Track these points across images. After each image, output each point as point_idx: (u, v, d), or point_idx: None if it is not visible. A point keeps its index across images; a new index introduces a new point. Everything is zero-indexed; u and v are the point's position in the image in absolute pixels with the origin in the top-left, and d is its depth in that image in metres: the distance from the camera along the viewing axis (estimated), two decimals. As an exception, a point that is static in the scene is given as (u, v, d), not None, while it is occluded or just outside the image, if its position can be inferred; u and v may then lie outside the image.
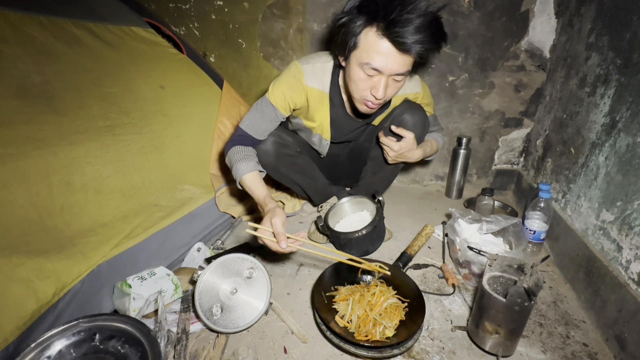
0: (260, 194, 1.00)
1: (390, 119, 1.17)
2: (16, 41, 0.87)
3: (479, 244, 1.03)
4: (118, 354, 0.70)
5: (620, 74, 0.97)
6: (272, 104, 1.08)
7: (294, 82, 1.06)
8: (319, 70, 1.07)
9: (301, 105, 1.12)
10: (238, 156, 1.05)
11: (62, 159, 0.84)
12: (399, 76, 0.92)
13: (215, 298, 0.87)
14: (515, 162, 1.69)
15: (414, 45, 0.85)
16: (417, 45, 0.85)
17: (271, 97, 1.07)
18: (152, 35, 1.28)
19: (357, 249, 1.18)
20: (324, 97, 1.11)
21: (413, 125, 1.14)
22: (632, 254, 0.85)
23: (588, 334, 0.91)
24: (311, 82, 1.07)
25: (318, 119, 1.16)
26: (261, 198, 0.98)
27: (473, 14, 1.45)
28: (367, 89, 0.95)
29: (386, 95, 0.95)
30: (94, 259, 0.86)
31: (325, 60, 1.07)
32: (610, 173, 0.97)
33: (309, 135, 1.26)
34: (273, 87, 1.08)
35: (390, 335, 0.81)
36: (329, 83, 1.09)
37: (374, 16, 0.85)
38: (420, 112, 1.15)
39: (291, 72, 1.06)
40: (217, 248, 1.24)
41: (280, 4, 1.55)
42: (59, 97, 0.89)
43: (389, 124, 1.16)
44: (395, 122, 1.15)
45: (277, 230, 0.84)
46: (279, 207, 0.92)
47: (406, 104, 1.16)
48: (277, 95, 1.07)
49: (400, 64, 0.89)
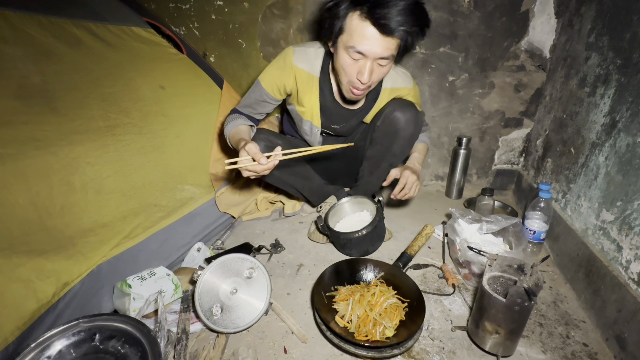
0: (240, 140, 0.99)
1: (381, 117, 1.17)
2: (16, 41, 0.87)
3: (479, 244, 1.03)
4: (118, 354, 0.70)
5: (620, 74, 0.97)
6: (261, 83, 1.14)
7: (282, 63, 1.11)
8: (311, 54, 1.11)
9: (291, 88, 1.15)
10: (233, 120, 1.13)
11: (62, 159, 0.84)
12: (383, 60, 0.94)
13: (215, 298, 0.87)
14: (515, 162, 1.69)
15: (397, 27, 0.87)
16: (400, 27, 0.87)
17: (261, 77, 1.15)
18: (152, 35, 1.28)
19: (357, 249, 1.18)
20: (313, 81, 1.13)
21: (405, 122, 1.14)
22: (632, 254, 0.85)
23: (588, 334, 0.91)
24: (300, 63, 1.10)
25: (307, 104, 1.17)
26: (238, 142, 0.98)
27: (473, 14, 1.45)
28: (354, 73, 0.98)
29: (371, 80, 0.98)
30: (94, 259, 0.86)
31: (318, 46, 1.12)
32: (610, 173, 0.97)
33: (301, 124, 1.26)
34: (265, 69, 1.15)
35: (390, 335, 0.81)
36: (319, 68, 1.11)
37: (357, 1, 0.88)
38: (411, 109, 1.15)
39: (283, 54, 1.12)
40: (217, 248, 1.24)
41: (280, 4, 1.55)
42: (59, 97, 0.89)
43: (380, 122, 1.17)
44: (386, 120, 1.15)
45: (253, 151, 0.88)
46: (251, 142, 0.93)
47: (397, 101, 1.16)
48: (266, 77, 1.14)
49: (384, 47, 0.91)
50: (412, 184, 1.14)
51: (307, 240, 1.32)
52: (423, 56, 1.55)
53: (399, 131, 1.15)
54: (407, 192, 1.14)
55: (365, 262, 1.04)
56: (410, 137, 1.18)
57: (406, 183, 1.13)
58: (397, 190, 1.15)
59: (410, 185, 1.14)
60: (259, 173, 0.91)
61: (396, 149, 1.19)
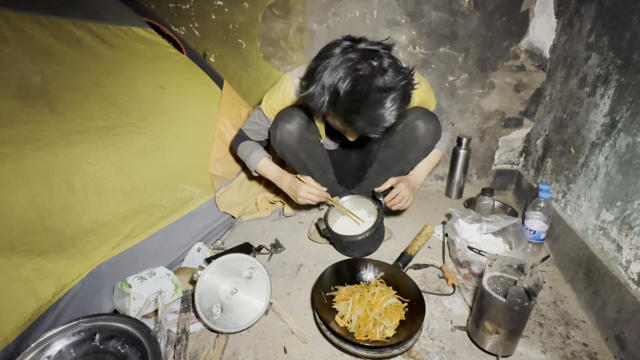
0: (275, 172, 1.19)
1: (402, 123, 1.15)
2: (16, 41, 0.87)
3: (479, 244, 1.03)
4: (118, 354, 0.70)
5: (620, 74, 0.97)
6: (265, 114, 1.18)
7: (282, 97, 1.13)
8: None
9: None
10: (248, 149, 1.20)
11: (62, 159, 0.83)
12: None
13: (215, 298, 0.87)
14: (515, 162, 1.69)
15: (371, 133, 0.91)
16: (373, 133, 0.91)
17: (264, 109, 1.18)
18: (152, 35, 1.28)
19: (359, 250, 1.18)
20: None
21: (425, 133, 1.14)
22: (632, 254, 0.85)
23: (588, 334, 0.91)
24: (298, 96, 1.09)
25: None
26: (277, 175, 1.18)
27: (473, 14, 1.45)
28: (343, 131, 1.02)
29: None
30: (94, 259, 0.86)
31: None
32: (610, 173, 0.97)
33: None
34: (265, 100, 1.17)
35: (390, 335, 0.81)
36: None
37: (334, 103, 0.88)
38: (434, 121, 1.14)
39: (281, 87, 1.12)
40: (217, 248, 1.24)
41: (280, 4, 1.55)
42: (59, 97, 0.89)
43: (401, 127, 1.16)
44: (407, 127, 1.15)
45: (312, 182, 1.11)
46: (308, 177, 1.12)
47: (420, 110, 1.15)
48: (268, 108, 1.17)
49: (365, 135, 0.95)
50: (403, 197, 1.14)
51: (307, 240, 1.32)
52: (423, 56, 1.55)
53: (418, 140, 1.15)
54: (396, 203, 1.15)
55: (365, 262, 1.04)
56: (427, 148, 1.18)
57: (397, 195, 1.14)
58: (388, 198, 1.17)
59: (401, 198, 1.14)
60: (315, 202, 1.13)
61: (411, 156, 1.20)
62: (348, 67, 0.82)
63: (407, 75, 0.86)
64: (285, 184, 1.17)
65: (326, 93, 0.86)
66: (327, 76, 0.84)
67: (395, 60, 0.87)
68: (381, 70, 0.82)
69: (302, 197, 1.11)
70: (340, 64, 0.83)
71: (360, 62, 0.82)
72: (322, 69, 0.85)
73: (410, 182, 1.18)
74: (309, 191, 1.10)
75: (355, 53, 0.83)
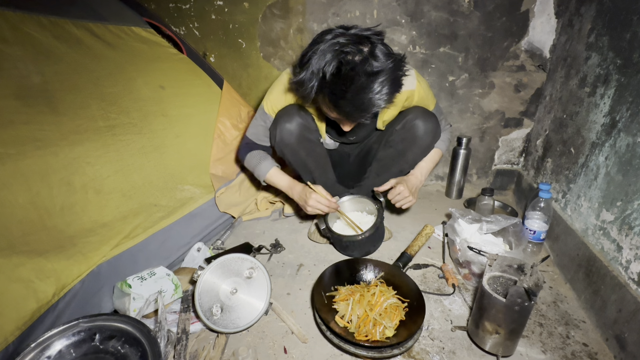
0: (286, 182, 1.17)
1: (402, 122, 1.15)
2: (16, 41, 0.87)
3: (479, 244, 1.03)
4: (118, 354, 0.70)
5: (620, 74, 0.97)
6: (267, 113, 1.15)
7: (282, 93, 1.11)
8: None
9: None
10: (256, 159, 1.18)
11: (62, 159, 0.84)
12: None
13: (215, 298, 0.87)
14: (515, 162, 1.69)
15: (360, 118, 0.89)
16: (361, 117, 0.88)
17: (266, 107, 1.15)
18: (152, 35, 1.28)
19: (359, 250, 1.18)
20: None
21: (424, 132, 1.14)
22: (632, 254, 0.85)
23: (588, 334, 0.90)
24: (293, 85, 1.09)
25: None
26: (288, 184, 1.17)
27: (473, 14, 1.45)
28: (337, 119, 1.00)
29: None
30: (94, 259, 0.86)
31: None
32: (610, 173, 0.97)
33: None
34: (267, 98, 1.14)
35: (390, 335, 0.81)
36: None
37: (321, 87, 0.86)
38: (433, 120, 1.14)
39: (282, 83, 1.11)
40: (217, 248, 1.24)
41: (280, 4, 1.55)
42: (59, 97, 0.89)
43: (400, 127, 1.16)
44: (406, 126, 1.15)
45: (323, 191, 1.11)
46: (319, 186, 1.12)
47: (420, 109, 1.15)
48: (270, 107, 1.14)
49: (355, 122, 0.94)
50: (403, 199, 1.15)
51: (307, 240, 1.32)
52: (423, 56, 1.55)
53: (417, 139, 1.15)
54: (399, 200, 1.16)
55: (365, 262, 1.04)
56: (426, 147, 1.18)
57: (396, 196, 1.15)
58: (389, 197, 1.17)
59: (400, 199, 1.15)
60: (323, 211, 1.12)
61: (410, 156, 1.19)
62: (335, 51, 0.81)
63: (396, 60, 0.84)
64: (296, 194, 1.16)
65: (315, 78, 0.84)
66: (315, 61, 0.82)
67: (386, 45, 0.85)
68: (370, 54, 0.81)
69: (311, 207, 1.10)
70: (328, 47, 0.81)
71: (348, 45, 0.81)
72: (312, 54, 0.83)
73: (410, 182, 1.18)
74: (319, 201, 1.09)
75: (345, 38, 0.82)
